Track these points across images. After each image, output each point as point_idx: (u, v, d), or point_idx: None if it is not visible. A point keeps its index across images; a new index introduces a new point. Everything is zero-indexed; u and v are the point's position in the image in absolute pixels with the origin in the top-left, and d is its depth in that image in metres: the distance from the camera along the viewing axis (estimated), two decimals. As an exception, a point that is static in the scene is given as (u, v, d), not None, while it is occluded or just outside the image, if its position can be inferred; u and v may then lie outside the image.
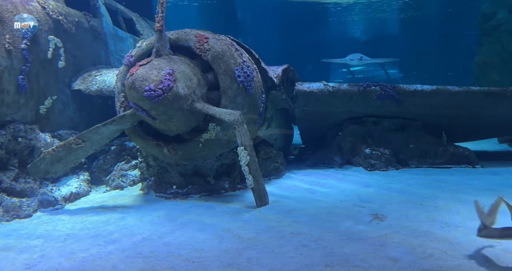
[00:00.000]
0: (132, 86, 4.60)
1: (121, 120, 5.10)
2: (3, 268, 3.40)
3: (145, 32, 10.56)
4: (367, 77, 31.27)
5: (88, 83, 6.93)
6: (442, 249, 3.28)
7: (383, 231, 3.81)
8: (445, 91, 6.67)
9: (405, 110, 6.97)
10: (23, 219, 4.97)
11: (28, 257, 3.61)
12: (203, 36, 5.22)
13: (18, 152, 5.55)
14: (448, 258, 3.10)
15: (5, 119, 5.48)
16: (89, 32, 7.54)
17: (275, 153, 6.72)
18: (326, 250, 3.42)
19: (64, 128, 6.58)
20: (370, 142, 7.25)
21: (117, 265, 3.33)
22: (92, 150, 5.48)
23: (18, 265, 3.44)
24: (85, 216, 4.96)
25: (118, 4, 9.67)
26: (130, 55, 5.39)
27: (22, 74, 5.63)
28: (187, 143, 5.23)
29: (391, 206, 4.67)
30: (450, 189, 5.39)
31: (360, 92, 6.80)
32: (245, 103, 5.34)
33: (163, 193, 5.76)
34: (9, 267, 3.42)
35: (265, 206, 4.92)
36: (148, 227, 4.38)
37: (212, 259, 3.37)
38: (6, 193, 5.13)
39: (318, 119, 7.51)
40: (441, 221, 4.02)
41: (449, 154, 7.00)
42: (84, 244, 3.91)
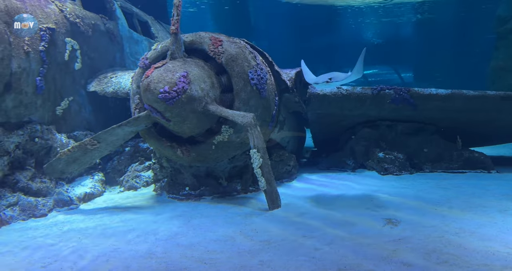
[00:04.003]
0: (147, 88, 4.66)
1: (136, 122, 5.16)
2: (20, 266, 3.46)
3: (159, 35, 10.67)
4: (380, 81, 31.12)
5: (103, 85, 7.03)
6: (457, 255, 3.24)
7: (396, 235, 3.78)
8: (461, 95, 6.60)
9: (420, 114, 6.91)
10: (38, 218, 5.05)
11: (44, 256, 3.67)
12: (217, 39, 5.26)
13: (34, 152, 5.65)
14: (463, 264, 3.06)
15: (22, 120, 5.58)
16: (105, 35, 7.65)
17: (287, 156, 6.72)
18: (339, 254, 3.40)
19: (80, 129, 6.69)
20: (384, 145, 7.20)
21: (130, 265, 3.36)
22: (107, 150, 5.56)
23: (34, 263, 3.50)
24: (99, 216, 5.02)
25: (133, 7, 9.80)
26: (146, 57, 5.45)
27: (40, 75, 5.74)
28: (200, 144, 5.27)
29: (404, 210, 4.63)
30: (465, 194, 5.32)
31: (374, 96, 6.76)
32: (259, 105, 5.36)
33: (176, 194, 5.80)
34: (26, 265, 3.48)
35: (277, 209, 4.92)
36: (161, 227, 4.41)
37: (225, 260, 3.39)
38: (23, 192, 5.23)
39: (331, 122, 7.48)
40: (456, 226, 3.96)
41: (464, 158, 6.92)
42: (98, 243, 3.96)
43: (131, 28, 9.01)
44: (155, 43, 5.67)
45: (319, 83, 4.72)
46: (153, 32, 10.49)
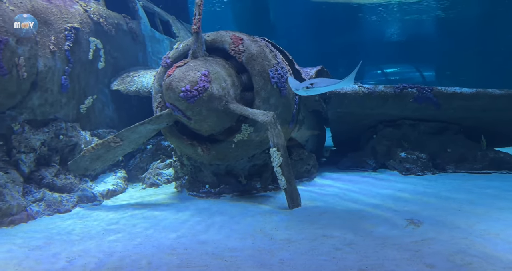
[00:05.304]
0: (169, 87, 4.71)
1: (158, 120, 5.23)
2: (47, 260, 3.55)
3: (180, 35, 10.78)
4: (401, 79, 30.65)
5: (126, 84, 7.14)
6: (481, 257, 3.17)
7: (419, 236, 3.73)
8: (486, 94, 6.45)
9: (443, 114, 6.78)
10: (63, 214, 5.17)
11: (69, 250, 3.76)
12: (238, 38, 5.28)
13: (59, 149, 5.78)
14: (488, 267, 2.99)
15: (48, 117, 5.72)
16: (128, 34, 7.77)
17: (307, 155, 6.69)
18: (360, 254, 3.37)
19: (103, 127, 6.81)
20: (406, 145, 7.10)
21: (152, 261, 3.41)
22: (129, 148, 5.65)
23: (60, 258, 3.59)
24: (122, 212, 5.11)
25: (155, 7, 9.92)
26: (167, 56, 5.51)
27: (65, 74, 5.87)
28: (221, 143, 5.30)
29: (427, 211, 4.56)
30: (490, 195, 5.20)
31: (396, 95, 6.67)
32: (279, 104, 5.36)
33: (196, 191, 5.86)
34: (51, 259, 3.57)
35: (297, 208, 4.91)
36: (182, 224, 4.46)
37: (245, 258, 3.40)
38: (48, 188, 5.36)
39: (351, 121, 7.42)
40: (481, 228, 3.88)
41: (489, 159, 6.76)
42: (121, 239, 4.03)
43: (153, 27, 9.12)
44: (177, 42, 5.73)
45: (299, 89, 4.56)
46: (174, 32, 10.60)
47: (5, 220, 4.57)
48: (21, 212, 4.78)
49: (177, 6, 12.07)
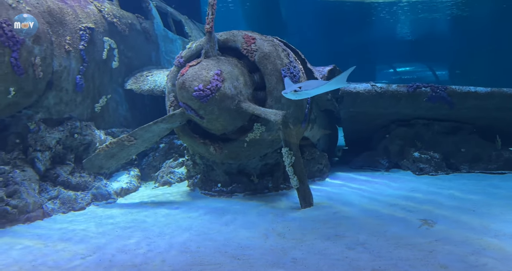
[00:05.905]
0: (182, 86, 4.75)
1: (171, 119, 5.27)
2: (62, 257, 3.61)
3: (193, 34, 10.83)
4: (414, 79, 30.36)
5: (140, 83, 7.21)
6: (496, 258, 3.14)
7: (433, 237, 3.70)
8: (501, 93, 6.36)
9: (457, 113, 6.71)
10: (77, 211, 5.25)
11: (84, 248, 3.81)
12: (251, 37, 5.29)
13: (74, 147, 5.86)
14: (503, 268, 2.96)
15: (63, 116, 5.81)
16: (141, 34, 7.83)
17: (318, 154, 6.68)
18: (373, 254, 3.36)
19: (117, 126, 6.89)
20: (419, 145, 7.04)
21: (166, 259, 3.45)
22: (143, 147, 5.70)
23: (75, 255, 3.65)
24: (136, 210, 5.16)
25: (168, 7, 9.98)
26: (180, 56, 5.55)
27: (79, 74, 5.95)
28: (233, 142, 5.32)
29: (441, 211, 4.52)
30: (505, 195, 5.13)
31: (409, 94, 6.61)
32: (291, 103, 5.35)
33: (208, 190, 5.89)
34: (67, 256, 3.62)
35: (309, 207, 4.91)
36: (195, 223, 4.50)
37: (257, 257, 3.42)
38: (63, 186, 5.44)
39: (364, 121, 7.37)
40: (495, 228, 3.84)
41: (504, 159, 6.67)
42: (135, 237, 4.08)
43: (166, 27, 9.19)
44: (190, 42, 5.76)
45: (287, 93, 4.53)
46: (187, 31, 10.66)
47: (22, 217, 4.66)
48: (37, 209, 4.86)
49: (189, 6, 12.14)
